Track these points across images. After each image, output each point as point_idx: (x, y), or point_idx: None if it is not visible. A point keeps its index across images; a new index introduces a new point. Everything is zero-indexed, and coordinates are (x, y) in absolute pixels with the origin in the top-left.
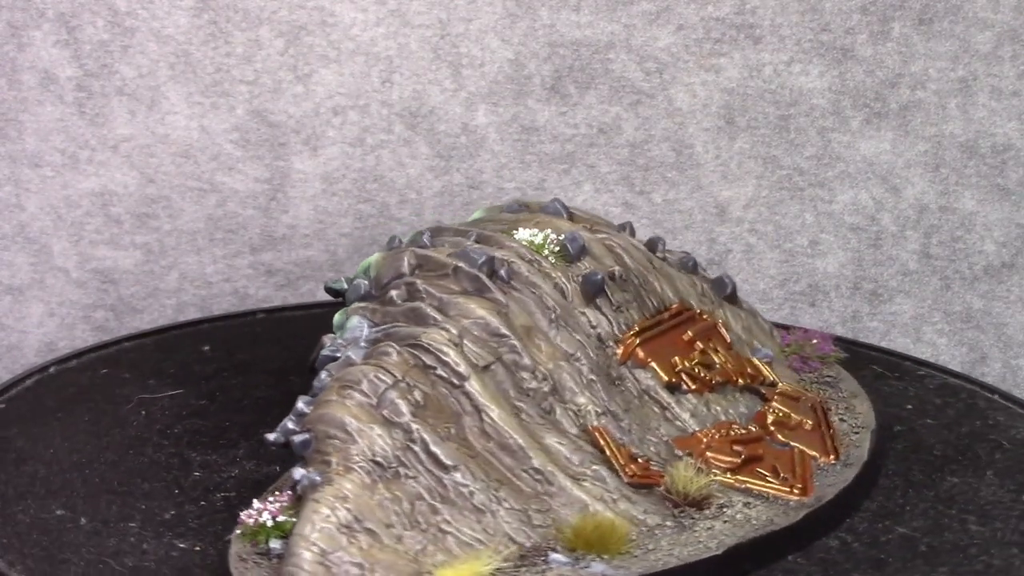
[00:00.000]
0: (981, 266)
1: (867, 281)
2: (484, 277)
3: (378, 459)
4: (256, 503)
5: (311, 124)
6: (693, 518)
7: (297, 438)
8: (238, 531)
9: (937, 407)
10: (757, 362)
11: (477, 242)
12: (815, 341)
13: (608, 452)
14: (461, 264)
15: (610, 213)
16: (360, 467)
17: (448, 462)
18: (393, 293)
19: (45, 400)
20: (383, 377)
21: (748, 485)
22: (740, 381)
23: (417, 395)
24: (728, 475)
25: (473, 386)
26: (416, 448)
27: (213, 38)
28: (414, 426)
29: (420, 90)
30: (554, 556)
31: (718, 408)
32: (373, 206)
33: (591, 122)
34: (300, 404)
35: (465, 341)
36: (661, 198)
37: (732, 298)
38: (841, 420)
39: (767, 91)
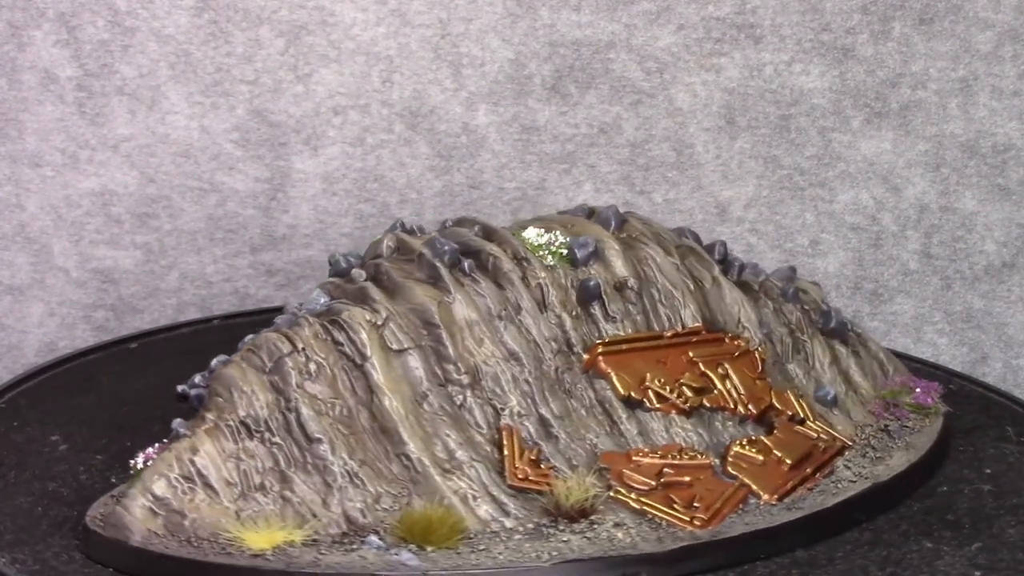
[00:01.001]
0: (982, 266)
1: (868, 281)
2: (441, 266)
3: (248, 421)
4: (148, 450)
5: (311, 124)
6: (560, 529)
7: (194, 391)
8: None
9: None
10: (790, 395)
11: (482, 235)
12: (917, 390)
13: (507, 452)
14: (425, 251)
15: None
16: (228, 426)
17: (315, 435)
18: (356, 272)
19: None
20: (282, 345)
21: (647, 509)
22: (742, 410)
23: (312, 367)
24: (634, 496)
25: (373, 366)
26: (290, 417)
27: (213, 38)
28: (294, 395)
29: (420, 90)
30: (371, 538)
31: (680, 431)
32: (373, 206)
33: (591, 122)
34: (213, 362)
35: (391, 324)
36: (662, 198)
37: (835, 332)
38: (846, 467)
39: (768, 91)
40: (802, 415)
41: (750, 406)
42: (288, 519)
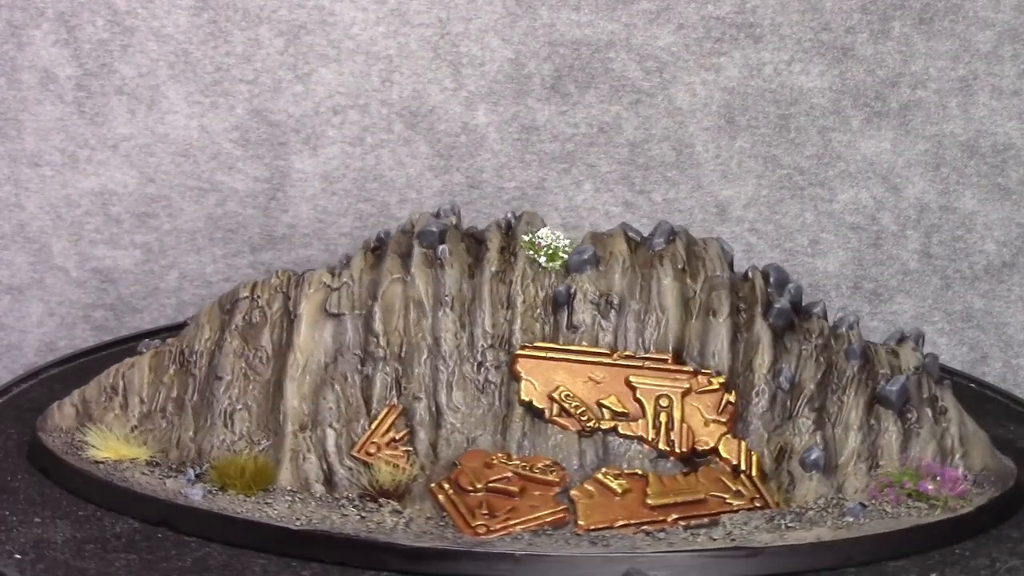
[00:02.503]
0: (982, 265)
1: (867, 280)
2: (416, 246)
3: (185, 351)
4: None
5: (311, 123)
6: (354, 505)
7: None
8: None
9: None
10: (743, 445)
11: (504, 227)
12: (936, 476)
13: (373, 427)
14: (417, 231)
15: (610, 212)
16: (170, 351)
17: (221, 373)
18: (375, 243)
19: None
20: (242, 291)
21: (447, 506)
22: (663, 445)
23: (256, 315)
24: (450, 491)
25: (299, 325)
26: (216, 353)
27: (213, 37)
28: (227, 336)
29: (420, 89)
30: (189, 471)
31: (562, 448)
32: (373, 205)
33: (591, 121)
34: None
35: (344, 290)
36: (661, 197)
37: (887, 402)
38: (733, 527)
39: (767, 90)
40: (743, 467)
41: (677, 443)
42: (161, 442)
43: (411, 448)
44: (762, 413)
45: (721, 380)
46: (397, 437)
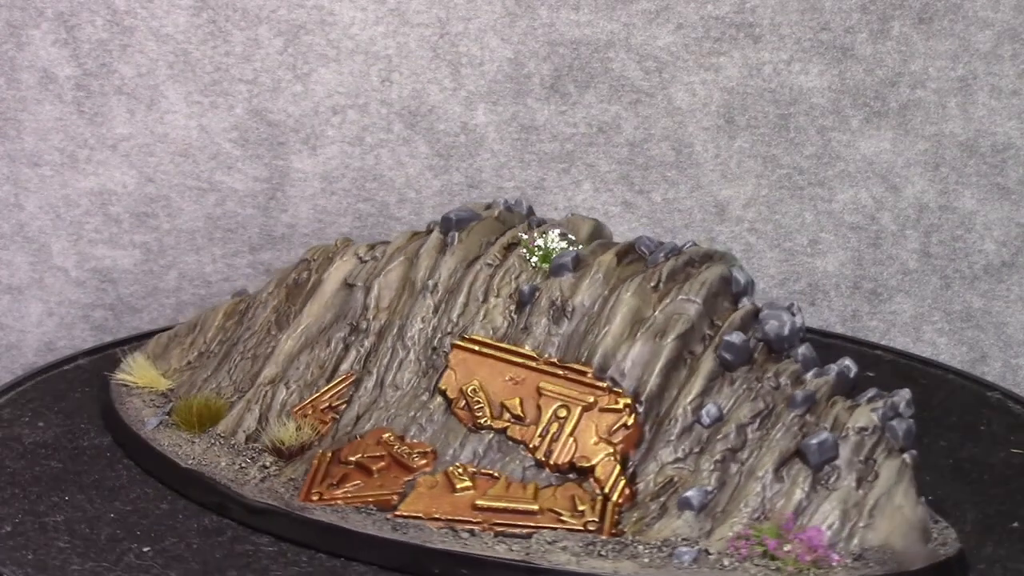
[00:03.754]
0: (981, 265)
1: (867, 280)
2: (436, 232)
3: (243, 307)
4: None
5: (310, 123)
6: (250, 459)
7: None
8: None
9: None
10: (617, 469)
11: (534, 223)
12: (795, 537)
13: (319, 391)
14: (441, 217)
15: (610, 212)
16: (240, 306)
17: (248, 324)
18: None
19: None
20: (307, 254)
21: (308, 471)
22: (542, 455)
23: (304, 275)
24: (319, 458)
25: (318, 291)
26: (262, 307)
27: (212, 37)
28: (275, 292)
29: (419, 89)
30: (167, 405)
31: (451, 439)
32: (372, 205)
33: (591, 121)
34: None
35: (366, 265)
36: (661, 197)
37: (808, 461)
38: (507, 537)
39: (767, 90)
40: (607, 490)
41: (555, 455)
42: (190, 380)
43: (336, 416)
44: (668, 442)
45: (627, 402)
46: (334, 405)
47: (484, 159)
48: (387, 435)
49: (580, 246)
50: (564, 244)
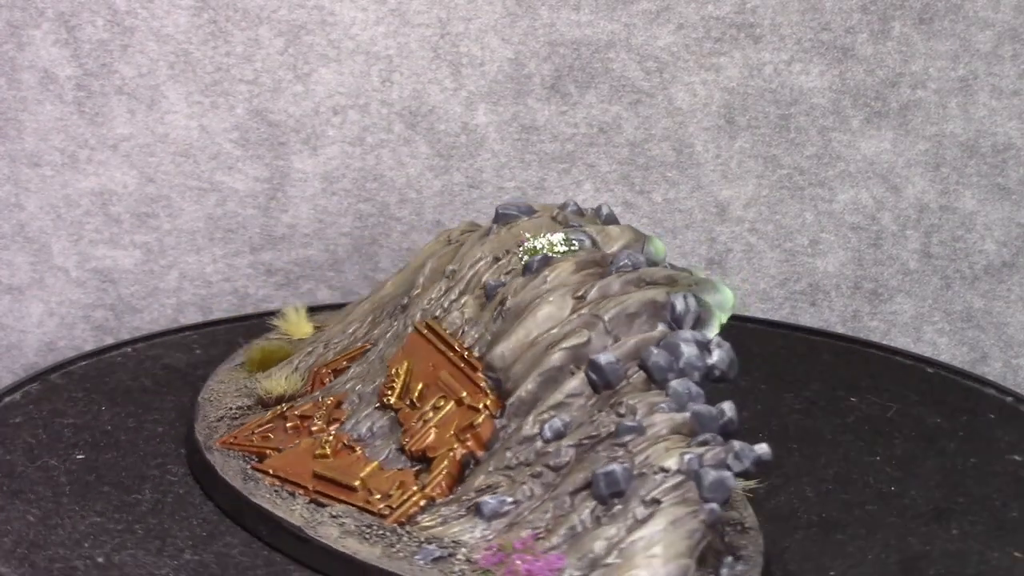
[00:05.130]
0: (981, 265)
1: (867, 280)
2: (492, 222)
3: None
4: None
5: (311, 123)
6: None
7: None
8: None
9: None
10: (451, 468)
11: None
12: (522, 564)
13: (339, 356)
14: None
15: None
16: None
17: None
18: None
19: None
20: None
21: (256, 419)
22: (405, 439)
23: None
24: (281, 409)
25: (407, 266)
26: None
27: (213, 37)
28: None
29: (420, 89)
30: None
31: (367, 411)
32: (373, 205)
33: (591, 121)
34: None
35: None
36: (661, 197)
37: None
38: (346, 519)
39: (767, 90)
40: (426, 483)
41: (411, 442)
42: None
43: (331, 375)
44: (508, 448)
45: (487, 403)
46: (339, 369)
47: (485, 159)
48: (331, 400)
49: (581, 252)
50: (564, 248)
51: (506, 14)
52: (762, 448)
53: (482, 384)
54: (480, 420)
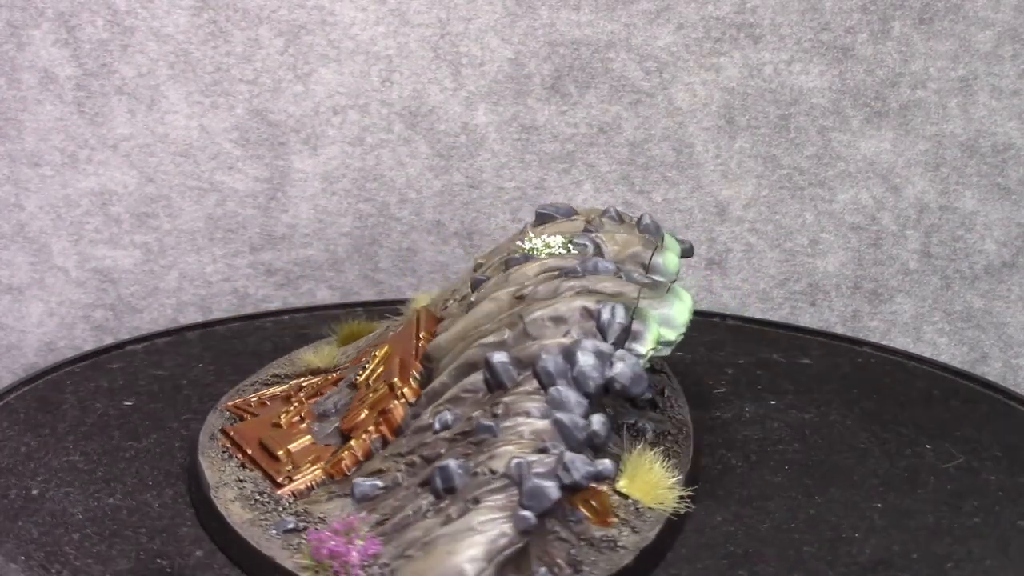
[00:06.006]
0: (981, 265)
1: (867, 280)
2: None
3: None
4: None
5: (311, 123)
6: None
7: None
8: None
9: None
10: (362, 443)
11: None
12: (332, 541)
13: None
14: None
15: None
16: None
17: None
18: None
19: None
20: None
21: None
22: (345, 416)
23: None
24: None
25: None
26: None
27: (213, 37)
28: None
29: (420, 89)
30: None
31: (338, 388)
32: (373, 205)
33: (591, 121)
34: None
35: None
36: (661, 197)
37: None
38: (249, 488)
39: (767, 90)
40: (330, 462)
41: (345, 420)
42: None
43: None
44: (404, 436)
45: (403, 391)
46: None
47: (485, 159)
48: (332, 376)
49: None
50: (563, 251)
51: (506, 14)
52: (603, 464)
53: (413, 372)
54: (392, 406)
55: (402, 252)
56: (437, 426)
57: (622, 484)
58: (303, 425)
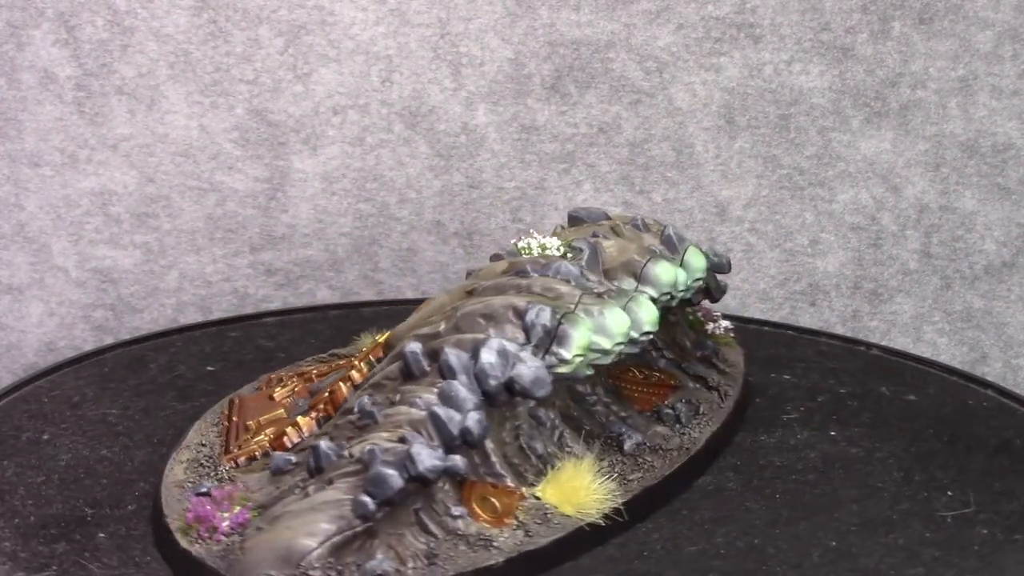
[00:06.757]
0: (981, 265)
1: (867, 280)
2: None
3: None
4: None
5: (311, 123)
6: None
7: None
8: None
9: None
10: (292, 428)
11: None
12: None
13: None
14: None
15: (610, 212)
16: None
17: None
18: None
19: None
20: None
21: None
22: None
23: None
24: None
25: None
26: None
27: (212, 37)
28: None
29: (420, 89)
30: None
31: (330, 378)
32: (373, 205)
33: (591, 121)
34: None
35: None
36: (661, 197)
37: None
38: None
39: (767, 90)
40: (272, 440)
41: (311, 404)
42: None
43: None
44: (335, 423)
45: (357, 374)
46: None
47: (484, 159)
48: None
49: (571, 259)
50: (558, 253)
51: (506, 14)
52: (453, 460)
53: (370, 356)
54: (337, 387)
55: (402, 252)
56: (357, 410)
57: (539, 489)
58: (288, 400)
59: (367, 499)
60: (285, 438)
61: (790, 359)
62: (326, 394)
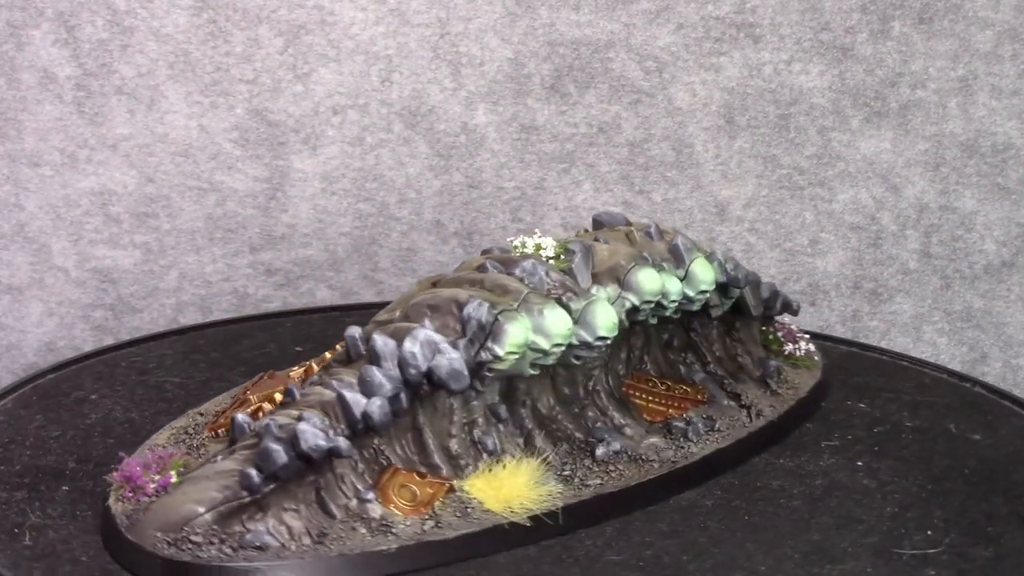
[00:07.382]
0: (981, 265)
1: (867, 280)
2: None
3: None
4: None
5: (310, 123)
6: None
7: None
8: None
9: None
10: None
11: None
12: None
13: None
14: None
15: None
16: None
17: None
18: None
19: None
20: None
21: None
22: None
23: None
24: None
25: None
26: None
27: (212, 37)
28: None
29: (419, 89)
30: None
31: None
32: (372, 205)
33: (591, 121)
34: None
35: None
36: (661, 197)
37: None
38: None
39: (767, 90)
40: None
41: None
42: None
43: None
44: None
45: (326, 356)
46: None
47: (484, 159)
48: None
49: (563, 261)
50: (552, 254)
51: (506, 14)
52: (336, 442)
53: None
54: (310, 368)
55: (402, 252)
56: (304, 389)
57: (468, 483)
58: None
59: (252, 472)
60: (260, 414)
61: (880, 388)
62: (301, 371)
